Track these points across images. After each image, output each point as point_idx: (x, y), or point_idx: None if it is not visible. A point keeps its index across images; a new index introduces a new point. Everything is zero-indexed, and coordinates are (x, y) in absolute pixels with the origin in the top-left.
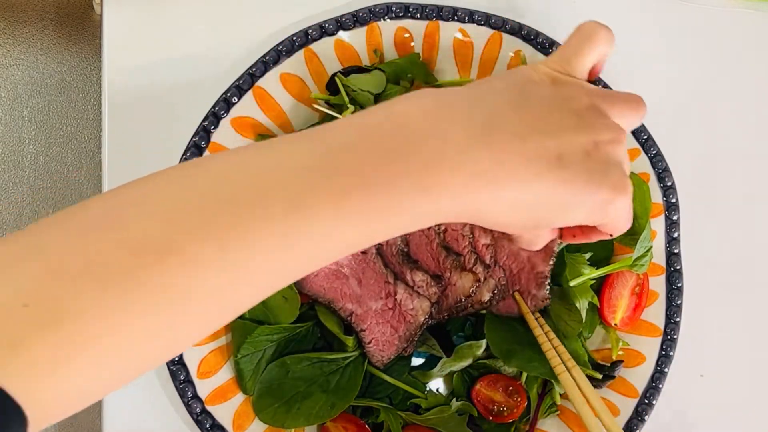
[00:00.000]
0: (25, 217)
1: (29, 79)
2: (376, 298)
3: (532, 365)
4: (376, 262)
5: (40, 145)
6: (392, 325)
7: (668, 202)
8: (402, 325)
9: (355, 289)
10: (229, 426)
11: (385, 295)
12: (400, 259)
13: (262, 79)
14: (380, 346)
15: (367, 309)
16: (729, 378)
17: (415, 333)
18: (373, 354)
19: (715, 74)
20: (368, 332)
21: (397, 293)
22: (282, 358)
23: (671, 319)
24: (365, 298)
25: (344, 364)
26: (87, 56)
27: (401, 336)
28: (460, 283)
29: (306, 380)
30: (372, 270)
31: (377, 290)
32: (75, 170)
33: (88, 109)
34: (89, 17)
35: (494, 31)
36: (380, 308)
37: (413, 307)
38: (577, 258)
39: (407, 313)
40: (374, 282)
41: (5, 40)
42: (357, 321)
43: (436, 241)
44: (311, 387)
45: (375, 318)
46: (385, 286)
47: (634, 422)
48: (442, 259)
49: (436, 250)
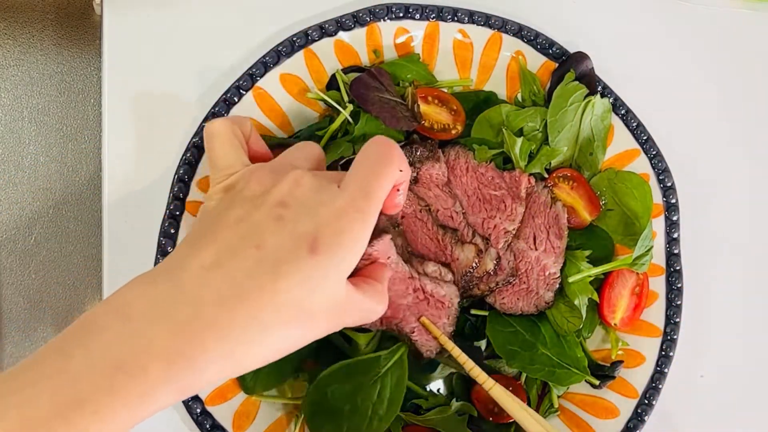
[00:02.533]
0: (25, 217)
1: (29, 80)
2: (404, 295)
3: (534, 366)
4: (397, 262)
5: (40, 145)
6: (431, 314)
7: (668, 202)
8: (442, 311)
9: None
10: (229, 426)
11: (413, 290)
12: (407, 257)
13: (262, 80)
14: (426, 336)
15: (397, 307)
16: (729, 378)
17: (456, 317)
18: (422, 345)
19: (715, 74)
20: (405, 324)
21: (426, 285)
22: (317, 381)
23: (671, 320)
24: (394, 298)
25: (383, 372)
26: (87, 56)
27: (446, 323)
28: (463, 256)
29: (348, 399)
30: (397, 267)
31: (403, 288)
32: (75, 170)
33: (88, 109)
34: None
35: (494, 32)
36: (411, 302)
37: (445, 293)
38: (576, 255)
39: (443, 300)
40: (400, 281)
41: (5, 41)
42: (386, 322)
43: (431, 221)
44: (355, 404)
45: (409, 310)
46: (410, 282)
47: (634, 422)
48: (441, 237)
49: (433, 230)
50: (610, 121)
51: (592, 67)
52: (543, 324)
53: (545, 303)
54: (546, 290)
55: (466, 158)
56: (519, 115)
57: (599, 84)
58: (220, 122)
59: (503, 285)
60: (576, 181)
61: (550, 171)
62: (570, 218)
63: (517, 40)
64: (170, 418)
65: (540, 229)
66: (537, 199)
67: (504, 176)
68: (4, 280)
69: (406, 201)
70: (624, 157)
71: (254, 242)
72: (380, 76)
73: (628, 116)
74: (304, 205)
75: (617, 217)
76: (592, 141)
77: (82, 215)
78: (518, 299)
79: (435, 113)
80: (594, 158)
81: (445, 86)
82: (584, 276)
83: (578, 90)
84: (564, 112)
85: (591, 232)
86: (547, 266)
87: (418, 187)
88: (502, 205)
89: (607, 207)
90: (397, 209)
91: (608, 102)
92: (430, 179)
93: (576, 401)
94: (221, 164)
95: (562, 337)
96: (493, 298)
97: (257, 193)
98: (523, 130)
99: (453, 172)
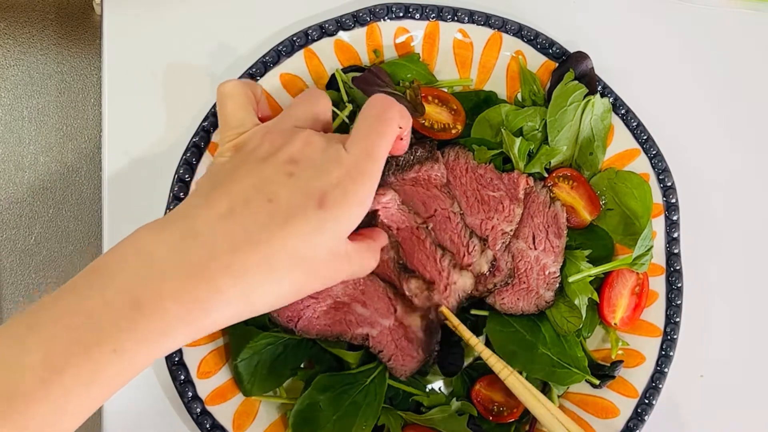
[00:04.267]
0: (25, 217)
1: (29, 79)
2: (386, 314)
3: (535, 366)
4: (373, 279)
5: (40, 145)
6: (407, 339)
7: (668, 202)
8: (414, 340)
9: (362, 312)
10: (229, 426)
11: (394, 310)
12: (397, 271)
13: (262, 80)
14: (401, 361)
15: (381, 329)
16: (729, 378)
17: (429, 344)
18: (396, 369)
19: (715, 74)
20: (386, 351)
21: (397, 311)
22: (308, 392)
23: (671, 320)
24: (375, 316)
25: (368, 382)
26: (87, 56)
27: (420, 348)
28: (461, 282)
29: (336, 407)
30: (373, 286)
31: (385, 306)
32: (75, 170)
33: (88, 109)
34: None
35: (494, 32)
36: (392, 325)
37: (409, 324)
38: (575, 254)
39: (410, 330)
40: (378, 299)
41: (5, 41)
42: (374, 344)
43: (429, 240)
44: (342, 412)
45: (390, 335)
46: (388, 301)
47: (634, 422)
48: (440, 259)
49: (430, 249)
50: (610, 121)
51: (592, 67)
52: (543, 324)
53: (546, 302)
54: (546, 290)
55: (465, 159)
56: (519, 114)
57: (599, 83)
58: (234, 83)
59: (502, 286)
60: (576, 181)
61: (549, 170)
62: (570, 218)
63: (517, 40)
64: (170, 419)
65: (539, 229)
66: (536, 199)
67: (503, 177)
68: (4, 280)
69: (403, 216)
70: (624, 156)
71: (267, 195)
72: (380, 75)
73: (628, 116)
74: (314, 163)
75: (617, 217)
76: (592, 141)
77: (82, 215)
78: (518, 299)
79: (435, 113)
80: (594, 158)
81: (445, 86)
82: (584, 276)
83: (578, 89)
84: (564, 112)
85: (591, 231)
86: (546, 266)
87: (417, 199)
88: (500, 206)
89: (607, 207)
90: (402, 151)
91: (608, 101)
92: (428, 180)
93: (576, 401)
94: (233, 123)
95: (562, 336)
96: (493, 298)
97: (270, 152)
98: (522, 129)
99: (452, 172)
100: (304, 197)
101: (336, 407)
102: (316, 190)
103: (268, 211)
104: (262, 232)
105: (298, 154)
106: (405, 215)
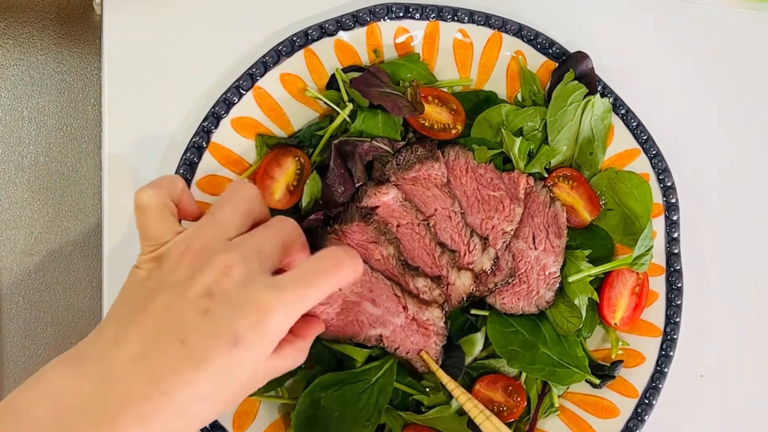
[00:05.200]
0: (25, 217)
1: (29, 79)
2: (396, 312)
3: (535, 366)
4: (378, 277)
5: (40, 145)
6: (422, 335)
7: (668, 202)
8: (430, 335)
9: (373, 311)
10: (229, 426)
11: (403, 308)
12: (400, 269)
13: (262, 80)
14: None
15: (394, 327)
16: (729, 378)
17: (445, 336)
18: (417, 361)
19: (715, 74)
20: (401, 348)
21: (408, 308)
22: (310, 389)
23: (671, 320)
24: (386, 315)
25: (373, 381)
26: (87, 56)
27: (435, 344)
28: (459, 282)
29: (338, 405)
30: (379, 285)
31: (394, 304)
32: (75, 170)
33: (88, 109)
34: (89, 17)
35: (494, 32)
36: (404, 322)
37: (427, 317)
38: (576, 254)
39: (426, 324)
40: (387, 297)
41: (5, 41)
42: (388, 343)
43: (429, 236)
44: (345, 410)
45: (403, 332)
46: (397, 299)
47: (634, 422)
48: (439, 256)
49: (430, 246)
50: (610, 121)
51: (592, 67)
52: (543, 324)
53: (546, 302)
54: (546, 289)
55: (465, 159)
56: (519, 114)
57: (599, 83)
58: (149, 194)
59: (502, 285)
60: (576, 181)
61: (549, 170)
62: (570, 218)
63: (517, 40)
64: None
65: (539, 229)
66: (536, 199)
67: (503, 177)
68: (4, 280)
69: (405, 212)
70: (624, 156)
71: (180, 336)
72: (379, 75)
73: (628, 116)
74: (230, 298)
75: (617, 217)
76: (592, 140)
77: (82, 215)
78: (519, 299)
79: (435, 113)
80: (594, 158)
81: (445, 86)
82: (584, 276)
83: (578, 89)
84: (564, 112)
85: (591, 231)
86: (546, 265)
87: (417, 198)
88: (500, 206)
89: (607, 207)
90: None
91: (608, 101)
92: (429, 179)
93: (576, 401)
94: (149, 235)
95: (562, 336)
96: (493, 298)
97: (187, 276)
98: (522, 129)
99: (452, 172)
100: (218, 338)
101: (339, 406)
102: (231, 330)
103: (181, 356)
104: (174, 379)
105: (215, 287)
106: (407, 211)
